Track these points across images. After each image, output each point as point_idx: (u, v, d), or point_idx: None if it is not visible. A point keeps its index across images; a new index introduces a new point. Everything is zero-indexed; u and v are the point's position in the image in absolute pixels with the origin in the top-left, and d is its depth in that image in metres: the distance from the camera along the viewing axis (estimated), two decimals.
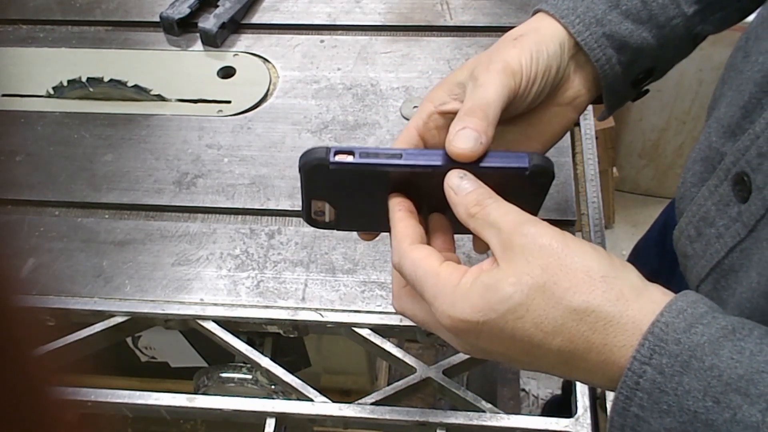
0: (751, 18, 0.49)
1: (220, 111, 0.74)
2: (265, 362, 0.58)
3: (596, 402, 0.54)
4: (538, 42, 0.44)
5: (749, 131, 0.40)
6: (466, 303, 0.36)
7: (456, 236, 0.44)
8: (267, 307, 0.59)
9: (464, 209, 0.39)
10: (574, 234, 0.62)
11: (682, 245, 0.48)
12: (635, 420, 0.34)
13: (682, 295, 0.35)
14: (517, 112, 0.45)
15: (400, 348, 0.57)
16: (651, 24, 0.47)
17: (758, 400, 0.31)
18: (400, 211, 0.42)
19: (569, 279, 0.34)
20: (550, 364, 0.36)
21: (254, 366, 0.59)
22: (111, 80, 0.75)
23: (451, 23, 0.80)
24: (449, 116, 0.43)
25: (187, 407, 0.55)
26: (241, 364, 0.66)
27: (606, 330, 0.34)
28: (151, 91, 0.75)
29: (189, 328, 0.60)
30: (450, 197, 0.39)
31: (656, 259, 0.72)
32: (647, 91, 0.51)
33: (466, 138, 0.40)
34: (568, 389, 0.98)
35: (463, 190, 0.39)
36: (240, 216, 0.66)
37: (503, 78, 0.42)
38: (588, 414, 0.53)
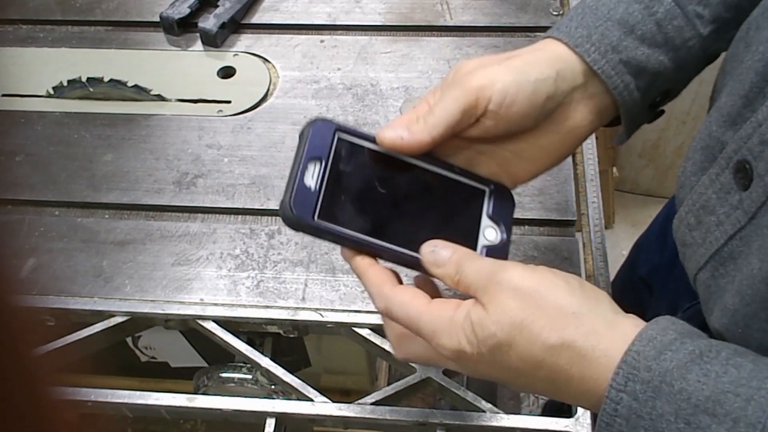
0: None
1: (220, 111, 0.74)
2: (265, 362, 0.58)
3: None
4: (527, 64, 0.44)
5: (751, 119, 0.41)
6: (462, 335, 0.38)
7: None
8: (267, 307, 0.59)
9: (450, 281, 0.41)
10: (574, 234, 0.63)
11: (682, 234, 0.48)
12: None
13: (653, 323, 0.37)
14: (502, 132, 0.45)
15: None
16: (667, 47, 0.46)
17: (725, 419, 0.33)
18: (363, 258, 0.43)
19: (544, 317, 0.37)
20: (541, 389, 0.39)
21: (254, 366, 0.59)
22: (111, 80, 0.75)
23: (451, 23, 0.79)
24: None
25: (187, 407, 0.56)
26: (241, 364, 0.66)
27: (581, 364, 0.37)
28: (151, 91, 0.75)
29: (189, 328, 0.60)
30: (433, 272, 0.42)
31: (657, 254, 0.72)
32: (663, 111, 0.52)
33: (392, 129, 0.43)
34: None
35: (442, 261, 0.42)
36: (240, 216, 0.66)
37: (461, 93, 0.43)
38: (588, 414, 0.53)
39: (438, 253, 0.42)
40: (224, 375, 0.66)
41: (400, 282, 0.42)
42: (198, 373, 0.68)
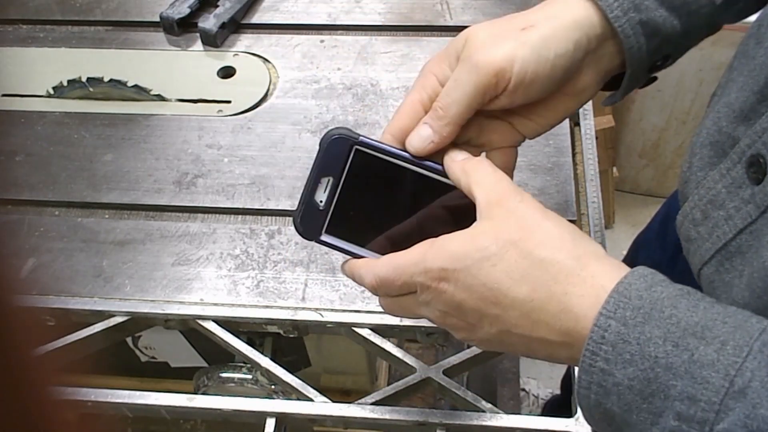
0: (752, 18, 0.49)
1: (220, 111, 0.74)
2: (265, 362, 0.58)
3: None
4: (546, 39, 0.43)
5: (766, 114, 0.41)
6: (444, 252, 0.39)
7: None
8: (267, 307, 0.59)
9: (460, 166, 0.42)
10: None
11: (686, 229, 0.48)
12: (601, 375, 0.36)
13: (640, 267, 0.38)
14: (514, 105, 0.45)
15: (400, 348, 0.57)
16: (682, 11, 0.46)
17: (713, 341, 0.33)
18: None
19: (541, 235, 0.38)
20: (515, 318, 0.39)
21: (254, 366, 0.59)
22: (111, 80, 0.75)
23: (451, 23, 0.79)
24: None
25: (187, 407, 0.55)
26: (241, 364, 0.66)
27: (567, 280, 0.37)
28: (151, 91, 0.75)
29: (189, 328, 0.60)
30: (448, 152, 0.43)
31: (657, 252, 0.72)
32: (656, 78, 0.52)
33: (418, 136, 0.44)
34: (568, 389, 0.98)
35: (457, 155, 0.43)
36: (240, 216, 0.66)
37: (481, 78, 0.42)
38: None
39: (456, 158, 0.44)
40: (224, 375, 0.66)
41: None
42: (198, 373, 0.68)
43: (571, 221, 0.63)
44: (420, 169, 0.44)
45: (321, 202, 0.43)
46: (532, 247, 0.38)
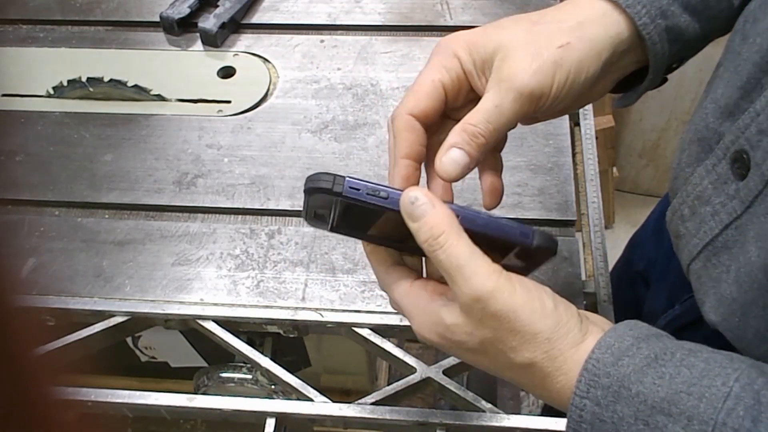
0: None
1: (220, 111, 0.74)
2: (265, 362, 0.58)
3: None
4: (582, 61, 0.42)
5: (749, 110, 0.41)
6: (433, 331, 0.40)
7: None
8: (267, 307, 0.59)
9: (426, 245, 0.38)
10: (574, 234, 0.63)
11: (675, 225, 0.49)
12: None
13: (611, 330, 0.38)
14: (536, 121, 0.47)
15: (400, 348, 0.57)
16: (703, 15, 0.45)
17: (680, 417, 0.34)
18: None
19: (517, 340, 0.38)
20: (508, 378, 0.41)
21: (254, 366, 0.59)
22: (111, 80, 0.75)
23: (451, 23, 0.79)
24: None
25: (187, 407, 0.55)
26: (241, 364, 0.66)
27: (544, 382, 0.39)
28: (151, 91, 0.75)
29: (189, 328, 0.60)
30: (408, 224, 0.39)
31: (653, 249, 0.72)
32: (667, 79, 0.51)
33: (453, 161, 0.41)
34: None
35: (420, 214, 0.38)
36: (240, 216, 0.66)
37: (523, 106, 0.41)
38: None
39: (419, 205, 0.38)
40: (224, 375, 0.66)
41: (400, 262, 0.43)
42: (198, 373, 0.68)
43: (571, 221, 0.63)
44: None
45: (322, 216, 0.42)
46: (507, 351, 0.38)
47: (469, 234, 0.39)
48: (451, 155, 0.41)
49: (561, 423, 0.53)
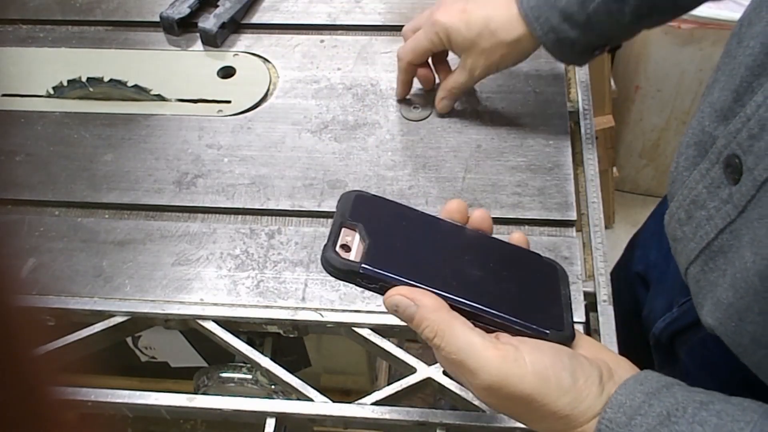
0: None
1: (220, 111, 0.74)
2: (265, 362, 0.58)
3: None
4: (505, 60, 0.65)
5: (740, 114, 0.41)
6: (482, 380, 0.39)
7: None
8: (267, 307, 0.59)
9: (429, 341, 0.40)
10: (574, 234, 0.63)
11: (672, 229, 0.49)
12: None
13: (622, 386, 0.38)
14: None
15: (400, 348, 0.57)
16: (589, 28, 0.59)
17: None
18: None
19: (536, 416, 0.39)
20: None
21: (254, 366, 0.59)
22: (111, 80, 0.75)
23: None
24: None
25: (187, 407, 0.55)
26: (241, 364, 0.66)
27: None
28: (151, 91, 0.75)
29: (189, 328, 0.60)
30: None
31: (653, 251, 0.72)
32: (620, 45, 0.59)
33: (444, 106, 0.71)
34: None
35: (410, 316, 0.40)
36: (240, 216, 0.66)
37: (480, 75, 0.66)
38: None
39: (403, 310, 0.40)
40: (224, 375, 0.66)
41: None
42: (198, 373, 0.68)
43: (571, 221, 0.63)
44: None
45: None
46: (535, 422, 0.39)
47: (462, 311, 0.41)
48: (442, 104, 0.70)
49: None
